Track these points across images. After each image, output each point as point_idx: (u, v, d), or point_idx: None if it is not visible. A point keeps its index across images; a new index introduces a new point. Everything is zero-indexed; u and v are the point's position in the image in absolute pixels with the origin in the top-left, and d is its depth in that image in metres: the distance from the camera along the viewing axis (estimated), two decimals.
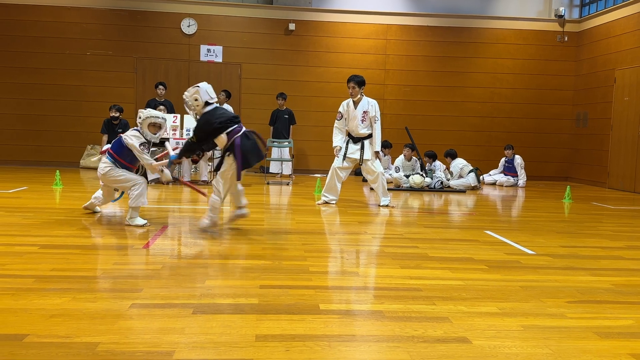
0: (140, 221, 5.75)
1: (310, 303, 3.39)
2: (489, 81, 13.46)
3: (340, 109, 7.82)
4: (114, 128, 10.39)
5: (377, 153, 7.78)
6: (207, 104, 5.42)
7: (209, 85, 5.50)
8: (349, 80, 7.67)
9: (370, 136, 7.72)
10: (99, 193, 6.29)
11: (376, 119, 7.67)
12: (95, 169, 11.84)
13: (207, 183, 10.00)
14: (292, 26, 12.87)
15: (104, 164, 5.80)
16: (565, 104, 13.57)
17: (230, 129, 5.31)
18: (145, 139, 5.79)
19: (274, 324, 3.01)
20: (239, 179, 5.37)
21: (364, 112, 7.64)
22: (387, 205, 7.82)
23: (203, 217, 5.66)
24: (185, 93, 5.46)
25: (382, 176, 7.77)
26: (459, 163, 11.09)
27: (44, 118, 12.60)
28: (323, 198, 7.95)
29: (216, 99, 5.52)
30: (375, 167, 7.75)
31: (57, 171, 9.27)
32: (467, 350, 2.75)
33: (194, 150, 5.58)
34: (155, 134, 5.86)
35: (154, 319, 3.01)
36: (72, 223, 5.74)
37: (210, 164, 10.33)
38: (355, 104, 7.69)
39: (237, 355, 2.59)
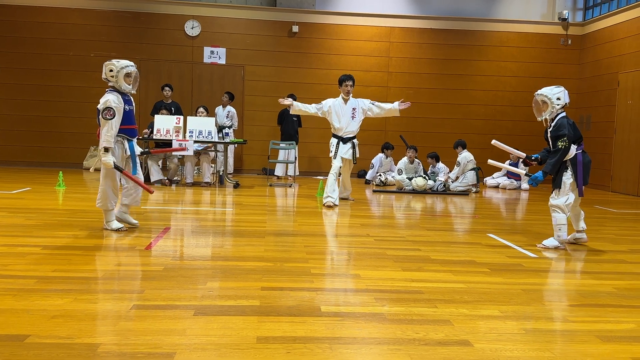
0: (114, 225, 5.46)
1: (312, 305, 3.38)
2: (492, 84, 13.45)
3: (325, 103, 8.09)
4: None
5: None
6: (562, 107, 5.42)
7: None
8: (348, 79, 7.99)
9: (354, 137, 8.15)
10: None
11: (372, 102, 8.14)
12: (98, 170, 11.87)
13: (209, 185, 10.00)
14: (295, 28, 12.89)
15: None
16: (568, 107, 13.51)
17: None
18: (121, 93, 5.30)
19: (275, 325, 3.00)
20: (581, 194, 5.34)
21: (353, 108, 8.02)
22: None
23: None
24: (545, 90, 5.43)
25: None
26: (467, 157, 11.00)
27: (47, 119, 12.63)
28: (330, 200, 7.91)
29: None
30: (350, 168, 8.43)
31: (60, 172, 9.29)
32: (469, 353, 2.74)
33: (564, 157, 5.29)
34: (130, 85, 5.37)
35: (155, 320, 3.01)
36: (74, 224, 5.75)
37: (212, 165, 10.34)
38: (345, 101, 8.05)
39: (238, 357, 2.58)
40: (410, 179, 10.52)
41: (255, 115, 12.98)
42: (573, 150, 5.35)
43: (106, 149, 5.21)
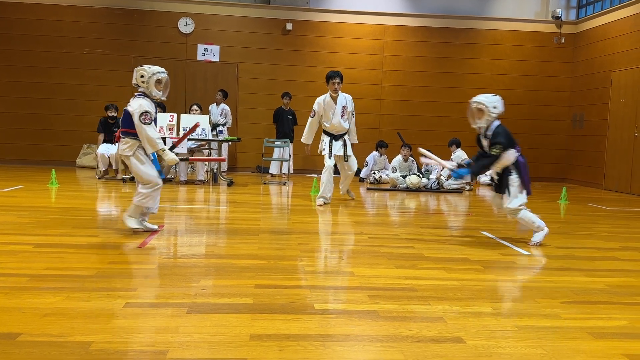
0: (134, 224, 5.30)
1: (305, 303, 3.38)
2: (486, 82, 13.46)
3: (316, 107, 7.85)
4: (110, 127, 10.38)
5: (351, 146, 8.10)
6: (497, 116, 5.49)
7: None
8: (335, 76, 7.71)
9: (346, 133, 7.97)
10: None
11: (353, 113, 7.96)
12: (91, 168, 11.83)
13: (203, 183, 9.99)
14: (289, 26, 12.87)
15: (124, 145, 5.20)
16: (561, 105, 13.59)
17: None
18: (153, 101, 5.21)
19: (269, 323, 3.00)
20: (529, 193, 5.47)
21: (342, 107, 7.81)
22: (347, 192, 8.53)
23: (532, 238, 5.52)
24: (482, 98, 5.50)
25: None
26: (461, 156, 11.04)
27: (40, 117, 12.57)
28: (322, 200, 7.89)
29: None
30: (353, 164, 8.08)
31: (53, 170, 9.24)
32: (461, 350, 2.75)
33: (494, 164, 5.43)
34: (160, 91, 5.27)
35: (148, 318, 3.00)
36: (67, 222, 5.73)
37: (206, 164, 10.32)
38: (334, 99, 7.79)
39: (231, 355, 2.58)
40: (404, 176, 10.54)
41: (250, 113, 12.96)
42: (513, 154, 5.41)
43: (162, 150, 5.20)
